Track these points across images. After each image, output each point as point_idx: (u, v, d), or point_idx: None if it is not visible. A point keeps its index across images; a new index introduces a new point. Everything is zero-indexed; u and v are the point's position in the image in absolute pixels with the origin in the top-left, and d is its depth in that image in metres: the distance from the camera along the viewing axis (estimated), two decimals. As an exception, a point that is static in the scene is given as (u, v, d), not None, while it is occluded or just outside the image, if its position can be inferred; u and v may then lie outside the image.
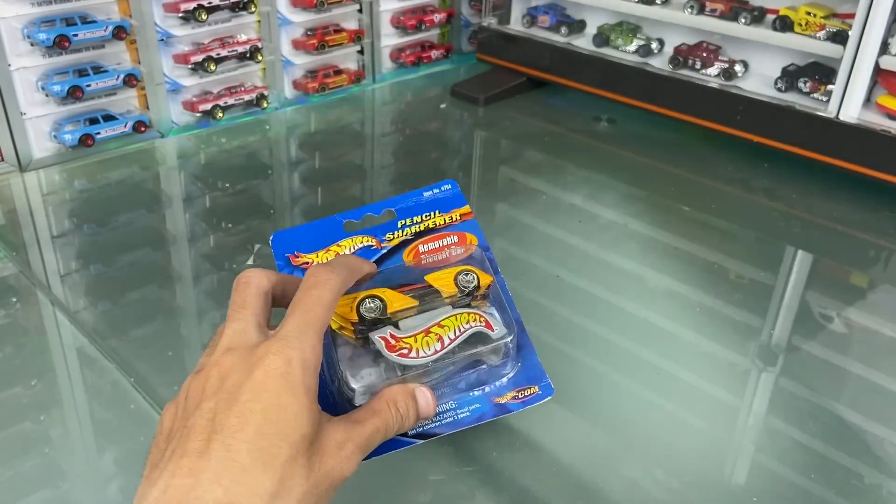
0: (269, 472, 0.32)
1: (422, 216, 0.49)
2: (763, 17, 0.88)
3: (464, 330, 0.41)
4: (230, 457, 0.32)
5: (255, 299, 0.39)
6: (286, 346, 0.35)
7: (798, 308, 0.65)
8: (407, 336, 0.41)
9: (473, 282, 0.43)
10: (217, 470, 0.31)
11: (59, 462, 0.49)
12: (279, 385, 0.34)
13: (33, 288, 0.66)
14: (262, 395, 0.34)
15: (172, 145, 0.93)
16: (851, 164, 0.79)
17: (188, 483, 0.31)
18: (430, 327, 0.41)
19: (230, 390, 0.34)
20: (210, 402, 0.34)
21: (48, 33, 0.81)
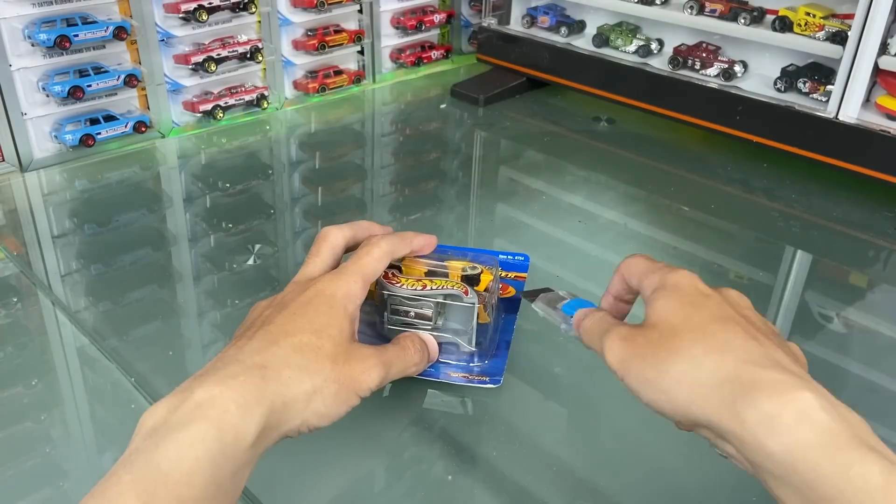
0: (297, 352, 0.40)
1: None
2: (762, 18, 0.88)
3: (444, 289, 0.51)
4: (271, 339, 0.41)
5: (326, 251, 0.49)
6: (335, 277, 0.45)
7: (797, 308, 0.65)
8: (402, 277, 0.52)
9: (476, 270, 0.52)
10: (257, 346, 0.40)
11: (59, 462, 0.49)
12: (322, 302, 0.43)
13: (34, 288, 0.66)
14: (307, 307, 0.43)
15: (173, 145, 0.93)
16: (851, 164, 0.79)
17: (231, 353, 0.40)
18: (423, 279, 0.52)
19: (283, 303, 0.44)
20: (267, 311, 0.44)
21: (49, 34, 0.81)
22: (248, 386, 0.37)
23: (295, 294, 0.44)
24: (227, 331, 0.61)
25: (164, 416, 0.36)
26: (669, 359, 0.36)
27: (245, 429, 0.36)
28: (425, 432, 0.50)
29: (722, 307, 0.39)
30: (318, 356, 0.41)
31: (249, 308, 0.47)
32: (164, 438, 0.34)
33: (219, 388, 0.37)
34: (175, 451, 0.34)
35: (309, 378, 0.40)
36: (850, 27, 0.78)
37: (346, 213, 0.81)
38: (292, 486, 0.45)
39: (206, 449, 0.34)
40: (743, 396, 0.33)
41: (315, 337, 0.41)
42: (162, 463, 0.33)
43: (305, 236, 0.76)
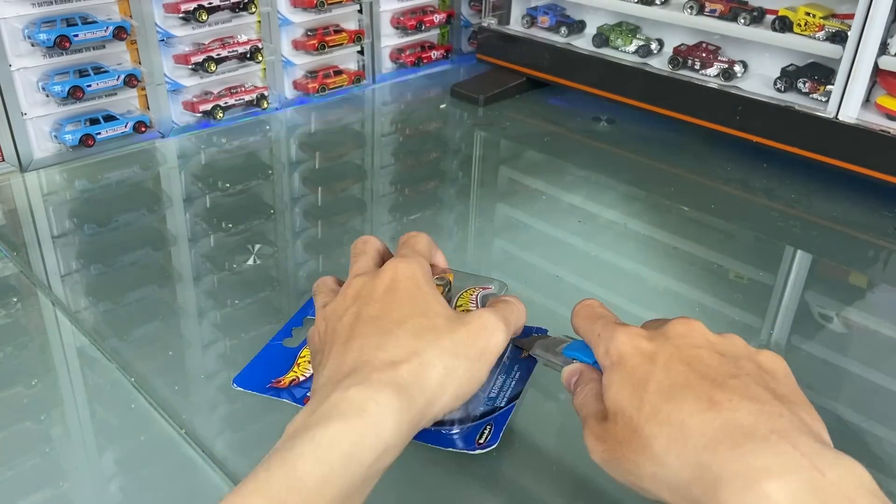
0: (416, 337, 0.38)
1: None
2: (762, 18, 0.88)
3: (476, 298, 0.51)
4: (382, 331, 0.39)
5: (372, 250, 0.48)
6: (403, 260, 0.43)
7: (797, 308, 0.65)
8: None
9: (444, 282, 0.49)
10: (375, 343, 0.38)
11: (59, 462, 0.49)
12: (408, 285, 0.41)
13: (34, 288, 0.66)
14: (395, 293, 0.41)
15: (173, 145, 0.93)
16: (850, 164, 0.79)
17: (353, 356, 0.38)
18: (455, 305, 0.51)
19: (366, 295, 0.41)
20: (351, 307, 0.41)
21: (49, 34, 0.81)
22: (383, 384, 0.36)
23: (370, 286, 0.42)
24: (228, 331, 0.61)
25: (303, 420, 0.35)
26: (638, 461, 0.35)
27: (384, 429, 0.35)
28: (425, 432, 0.50)
29: (669, 369, 0.36)
30: (437, 335, 0.39)
31: (249, 308, 0.47)
32: (299, 437, 0.33)
33: (355, 389, 0.35)
34: (311, 448, 0.33)
35: (439, 359, 0.38)
36: (849, 27, 0.78)
37: (346, 213, 0.81)
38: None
39: (341, 450, 0.33)
40: (712, 498, 0.31)
41: (424, 318, 0.39)
42: (299, 463, 0.32)
43: (305, 236, 0.76)
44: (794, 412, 0.34)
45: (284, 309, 0.64)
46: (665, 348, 0.37)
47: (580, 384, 0.42)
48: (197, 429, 0.50)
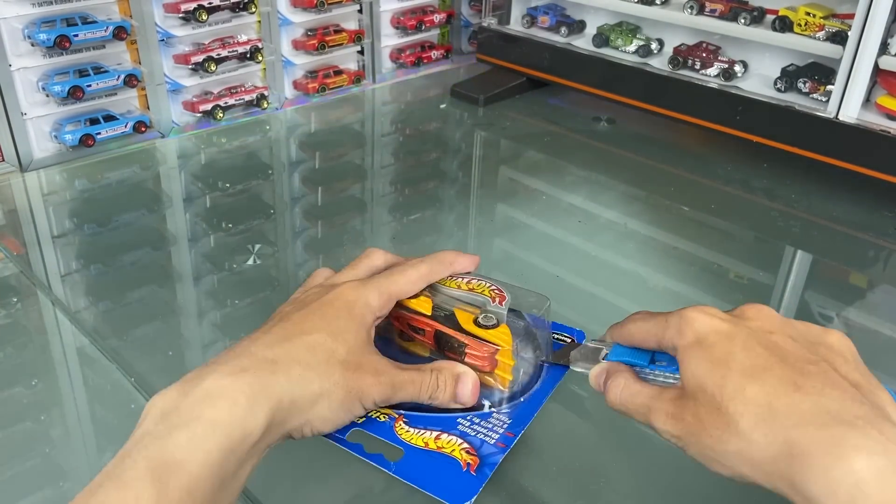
0: (309, 350, 0.40)
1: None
2: (762, 18, 0.88)
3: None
4: (286, 335, 0.41)
5: (364, 267, 0.49)
6: (358, 286, 0.45)
7: (797, 308, 0.65)
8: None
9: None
10: (271, 340, 0.41)
11: (59, 462, 0.49)
12: (342, 306, 0.43)
13: (34, 288, 0.66)
14: (326, 308, 0.43)
15: (173, 145, 0.93)
16: (851, 164, 0.79)
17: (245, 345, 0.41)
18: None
19: (304, 301, 0.44)
20: (287, 307, 0.45)
21: (49, 33, 0.81)
22: (256, 379, 0.38)
23: (317, 295, 0.45)
24: (228, 331, 0.61)
25: (175, 402, 0.36)
26: (723, 438, 0.35)
27: (253, 423, 0.36)
28: (425, 432, 0.50)
29: (749, 350, 0.37)
30: (329, 358, 0.41)
31: (249, 308, 0.48)
32: (176, 427, 0.35)
33: (229, 380, 0.37)
34: (187, 441, 0.34)
35: (318, 379, 0.40)
36: (850, 27, 0.78)
37: (346, 213, 0.81)
38: (293, 487, 0.45)
39: (216, 442, 0.35)
40: (799, 472, 0.32)
41: (330, 339, 0.41)
42: (176, 452, 0.34)
43: (305, 236, 0.76)
44: (872, 399, 0.35)
45: (284, 309, 0.64)
46: (741, 329, 0.38)
47: (611, 379, 0.44)
48: (197, 429, 0.50)
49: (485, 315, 0.48)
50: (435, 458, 0.44)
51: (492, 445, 0.45)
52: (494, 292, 0.50)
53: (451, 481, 0.43)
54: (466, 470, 0.44)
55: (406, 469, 0.44)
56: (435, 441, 0.45)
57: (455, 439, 0.45)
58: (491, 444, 0.46)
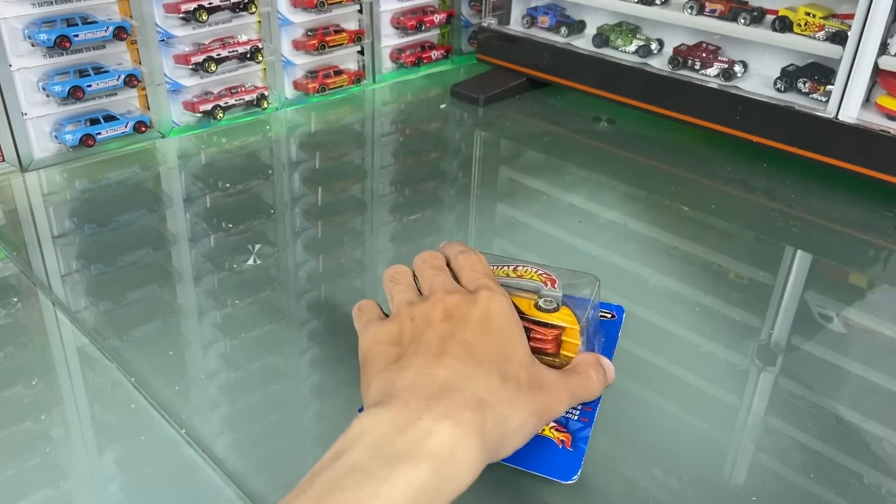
0: (504, 383, 0.39)
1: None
2: (762, 18, 0.88)
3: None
4: (476, 365, 0.39)
5: (446, 266, 0.48)
6: (492, 291, 0.44)
7: (797, 308, 0.65)
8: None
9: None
10: (466, 372, 0.38)
11: (59, 462, 0.49)
12: (502, 317, 0.42)
13: (34, 288, 0.66)
14: (488, 326, 0.41)
15: (173, 145, 0.93)
16: (850, 164, 0.79)
17: (443, 375, 0.38)
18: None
19: (461, 317, 0.42)
20: (444, 325, 0.41)
21: (49, 34, 0.81)
22: (473, 425, 0.36)
23: (465, 308, 0.42)
24: (228, 331, 0.61)
25: (390, 435, 0.35)
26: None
27: (464, 475, 0.35)
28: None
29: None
30: (519, 388, 0.40)
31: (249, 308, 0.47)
32: (393, 469, 0.33)
33: (448, 423, 0.35)
34: (402, 488, 0.33)
35: (517, 414, 0.39)
36: (849, 27, 0.78)
37: (346, 213, 0.81)
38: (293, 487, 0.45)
39: (425, 493, 0.34)
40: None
41: (511, 365, 0.40)
42: (388, 498, 0.33)
43: (305, 236, 0.76)
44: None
45: (284, 309, 0.64)
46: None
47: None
48: (197, 429, 0.50)
49: (545, 299, 0.48)
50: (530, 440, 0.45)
51: (576, 421, 0.47)
52: (544, 276, 0.50)
53: (552, 459, 0.45)
54: (563, 447, 0.45)
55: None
56: None
57: None
58: (575, 419, 0.47)
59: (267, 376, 0.56)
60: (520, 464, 0.44)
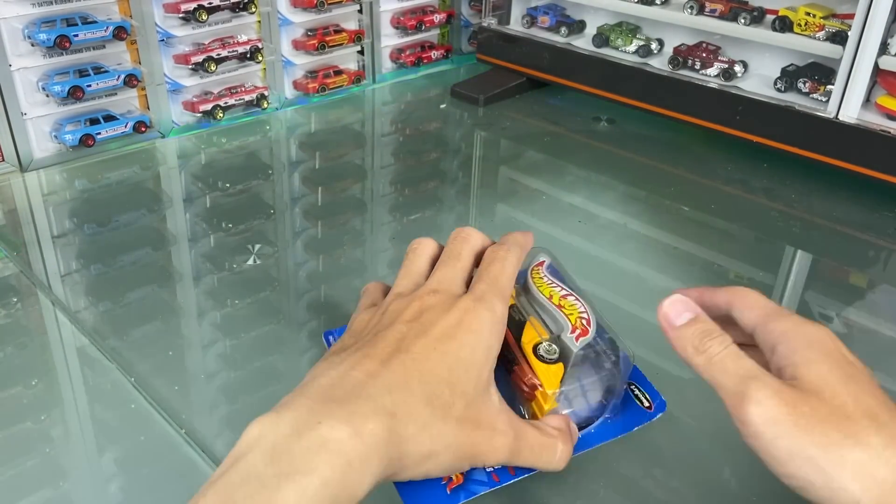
0: (428, 405, 0.35)
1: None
2: (762, 18, 0.88)
3: (549, 278, 0.48)
4: (405, 377, 0.35)
5: (468, 255, 0.43)
6: (480, 304, 0.39)
7: (797, 308, 0.65)
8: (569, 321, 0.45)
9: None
10: (391, 381, 0.35)
11: (59, 462, 0.49)
12: (467, 341, 0.37)
13: (34, 288, 0.66)
14: (449, 343, 0.37)
15: (173, 145, 0.93)
16: (851, 164, 0.79)
17: (362, 379, 0.35)
18: (553, 302, 0.46)
19: (424, 323, 0.38)
20: (403, 325, 0.38)
21: (49, 34, 0.81)
22: (374, 437, 0.33)
23: (437, 314, 0.38)
24: (227, 331, 0.61)
25: (287, 440, 0.33)
26: (845, 444, 0.32)
27: (362, 488, 0.33)
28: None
29: (871, 381, 0.36)
30: (446, 415, 0.36)
31: (249, 308, 0.47)
32: (286, 476, 0.32)
33: (347, 430, 0.33)
34: (294, 499, 0.31)
35: (430, 441, 0.35)
36: (850, 27, 0.78)
37: (346, 213, 0.81)
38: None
39: (319, 502, 0.32)
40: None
41: (449, 390, 0.36)
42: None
43: (305, 236, 0.76)
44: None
45: (284, 309, 0.64)
46: (859, 363, 0.37)
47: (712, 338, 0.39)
48: (197, 429, 0.50)
49: (549, 346, 0.43)
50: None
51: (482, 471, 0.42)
52: (581, 321, 0.44)
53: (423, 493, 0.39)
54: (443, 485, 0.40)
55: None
56: None
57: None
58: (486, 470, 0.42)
59: (267, 376, 0.56)
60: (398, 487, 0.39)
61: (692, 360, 0.39)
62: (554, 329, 0.45)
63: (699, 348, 0.38)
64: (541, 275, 0.48)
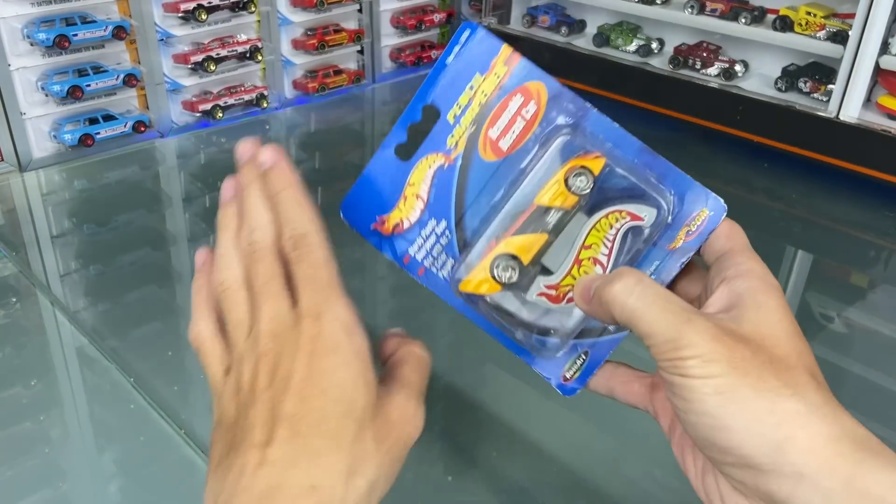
0: (341, 450, 0.31)
1: (467, 95, 0.37)
2: (763, 17, 0.88)
3: (613, 237, 0.35)
4: (301, 442, 0.31)
5: (274, 269, 0.35)
6: (321, 322, 0.33)
7: (798, 308, 0.65)
8: (563, 277, 0.35)
9: (588, 182, 0.35)
10: (290, 456, 0.31)
11: (59, 462, 0.49)
12: (330, 363, 0.33)
13: (33, 288, 0.66)
14: (316, 378, 0.32)
15: (172, 145, 0.93)
16: (852, 163, 0.79)
17: (267, 473, 0.31)
18: (578, 255, 0.35)
19: (282, 378, 0.33)
20: (266, 393, 0.33)
21: (48, 33, 0.81)
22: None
23: (290, 361, 0.33)
24: (227, 331, 0.60)
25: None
26: (783, 392, 0.29)
27: None
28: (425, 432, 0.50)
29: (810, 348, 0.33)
30: (357, 440, 0.32)
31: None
32: None
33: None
34: None
35: (362, 477, 0.32)
36: (850, 27, 0.78)
37: (345, 212, 0.80)
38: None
39: None
40: (862, 462, 0.28)
41: (349, 421, 0.32)
42: None
43: (305, 236, 0.76)
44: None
45: (284, 309, 0.64)
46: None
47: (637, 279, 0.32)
48: (197, 429, 0.50)
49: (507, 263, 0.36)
50: None
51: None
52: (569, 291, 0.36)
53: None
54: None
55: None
56: None
57: None
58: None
59: (266, 376, 0.56)
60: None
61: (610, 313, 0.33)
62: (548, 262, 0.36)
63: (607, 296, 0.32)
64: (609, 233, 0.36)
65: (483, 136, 0.37)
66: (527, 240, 0.36)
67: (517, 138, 0.37)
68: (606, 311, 0.33)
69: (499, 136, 0.37)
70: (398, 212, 0.38)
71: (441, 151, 0.38)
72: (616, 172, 0.36)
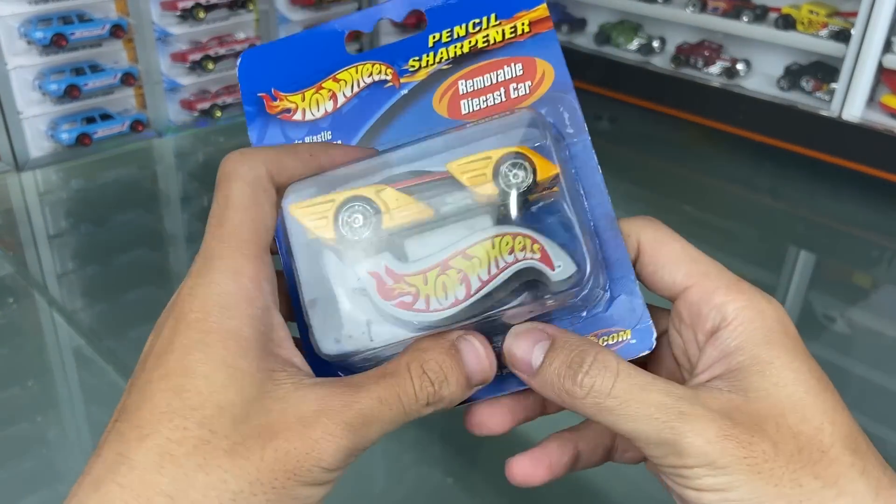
0: (165, 466, 0.22)
1: (466, 26, 0.30)
2: (765, 16, 0.87)
3: (505, 267, 0.25)
4: (119, 450, 0.22)
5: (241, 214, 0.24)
6: (193, 284, 0.24)
7: (801, 308, 0.65)
8: (412, 273, 0.26)
9: (525, 180, 0.25)
10: (100, 474, 0.22)
11: (55, 463, 0.48)
12: (184, 342, 0.24)
13: (29, 288, 0.65)
14: (162, 361, 0.24)
15: (170, 144, 0.93)
16: (855, 163, 0.79)
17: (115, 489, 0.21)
18: (451, 258, 0.25)
19: (142, 361, 0.25)
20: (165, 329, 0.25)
21: (45, 32, 0.80)
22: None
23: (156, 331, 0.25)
24: (225, 331, 0.60)
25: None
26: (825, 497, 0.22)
27: None
28: (425, 434, 0.49)
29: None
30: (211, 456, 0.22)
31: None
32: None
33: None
34: None
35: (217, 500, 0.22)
36: (853, 25, 0.77)
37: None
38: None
39: None
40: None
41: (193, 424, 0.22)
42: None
43: (304, 236, 0.76)
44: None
45: (283, 309, 0.63)
46: (801, 341, 0.25)
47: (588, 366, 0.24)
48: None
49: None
50: None
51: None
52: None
53: None
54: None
55: None
56: None
57: None
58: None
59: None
60: None
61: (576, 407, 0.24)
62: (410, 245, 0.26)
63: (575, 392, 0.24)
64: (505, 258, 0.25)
65: (448, 83, 0.29)
66: (407, 203, 0.26)
67: (484, 110, 0.29)
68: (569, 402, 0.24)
69: (465, 94, 0.29)
70: (300, 98, 0.31)
71: (394, 67, 0.30)
72: (560, 203, 0.26)
